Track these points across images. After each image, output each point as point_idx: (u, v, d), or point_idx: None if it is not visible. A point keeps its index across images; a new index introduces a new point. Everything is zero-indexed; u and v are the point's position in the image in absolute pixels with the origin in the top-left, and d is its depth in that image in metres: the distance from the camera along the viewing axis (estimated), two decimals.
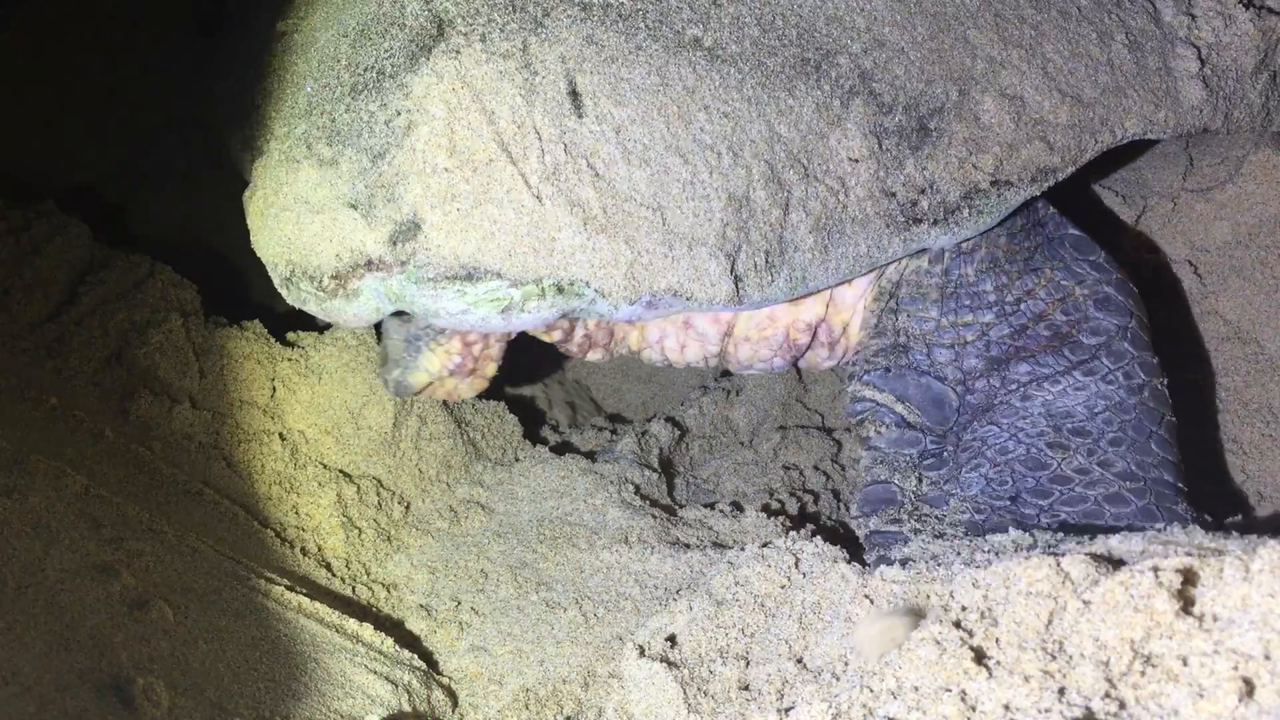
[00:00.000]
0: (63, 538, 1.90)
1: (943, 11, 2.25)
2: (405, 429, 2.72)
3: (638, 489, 2.77)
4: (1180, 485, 2.27)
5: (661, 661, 1.92)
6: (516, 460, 2.90)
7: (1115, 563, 1.51)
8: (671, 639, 1.98)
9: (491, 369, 2.50)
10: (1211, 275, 2.87)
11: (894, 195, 2.19)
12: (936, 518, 2.29)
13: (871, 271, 2.35)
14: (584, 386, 3.63)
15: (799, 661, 1.81)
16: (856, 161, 2.16)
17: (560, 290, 2.06)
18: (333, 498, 2.55)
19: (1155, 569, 1.39)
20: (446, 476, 2.77)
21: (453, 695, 2.21)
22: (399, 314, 2.33)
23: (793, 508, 2.80)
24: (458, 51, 2.05)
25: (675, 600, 2.09)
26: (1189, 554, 1.51)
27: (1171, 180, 2.97)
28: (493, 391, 3.30)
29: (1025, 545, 1.97)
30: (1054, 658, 1.38)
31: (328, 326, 2.83)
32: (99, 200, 3.35)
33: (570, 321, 2.46)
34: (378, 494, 2.64)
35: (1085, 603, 1.42)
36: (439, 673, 2.28)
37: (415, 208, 2.03)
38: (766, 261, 2.13)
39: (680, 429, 3.10)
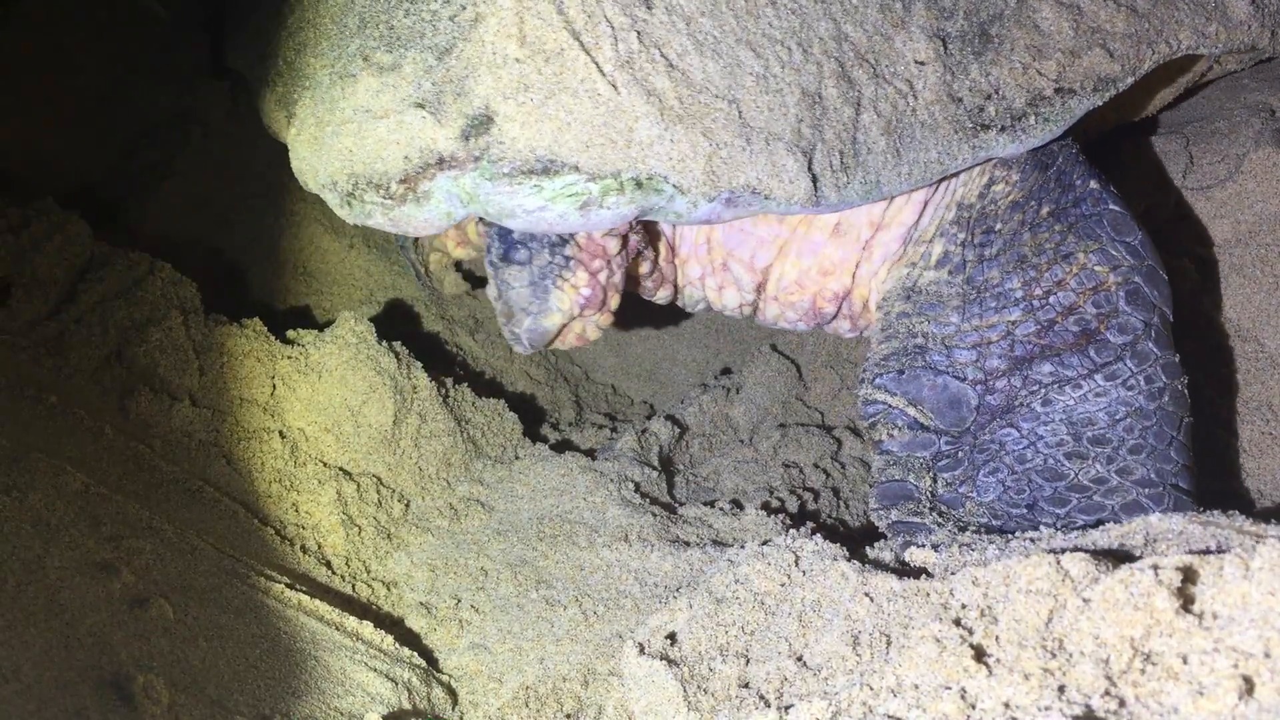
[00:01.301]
0: (62, 535, 1.90)
1: None
2: (405, 427, 2.72)
3: (638, 487, 2.77)
4: (1193, 491, 2.28)
5: (661, 659, 1.92)
6: (516, 458, 2.90)
7: (1115, 561, 1.51)
8: (671, 637, 1.98)
9: (615, 300, 2.42)
10: (1212, 273, 2.87)
11: (960, 100, 2.17)
12: (956, 516, 2.29)
13: (941, 180, 2.33)
14: (594, 382, 3.63)
15: (799, 659, 1.81)
16: (923, 64, 2.13)
17: (639, 185, 2.00)
18: (332, 495, 2.55)
19: (1155, 567, 1.39)
20: (446, 474, 2.77)
21: (453, 693, 2.21)
22: (515, 259, 2.29)
23: (793, 505, 2.80)
24: None
25: (675, 598, 2.09)
26: (1191, 550, 1.51)
27: (1172, 178, 2.97)
28: (493, 389, 3.31)
29: (1058, 540, 1.95)
30: (1054, 655, 1.38)
31: (328, 324, 2.83)
32: (99, 198, 3.34)
33: (653, 252, 2.45)
34: (378, 492, 2.64)
35: (1085, 600, 1.42)
36: (439, 670, 2.28)
37: (487, 100, 1.97)
38: (841, 162, 2.09)
39: (680, 427, 3.10)
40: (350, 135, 2.09)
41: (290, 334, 2.80)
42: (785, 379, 3.27)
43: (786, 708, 1.61)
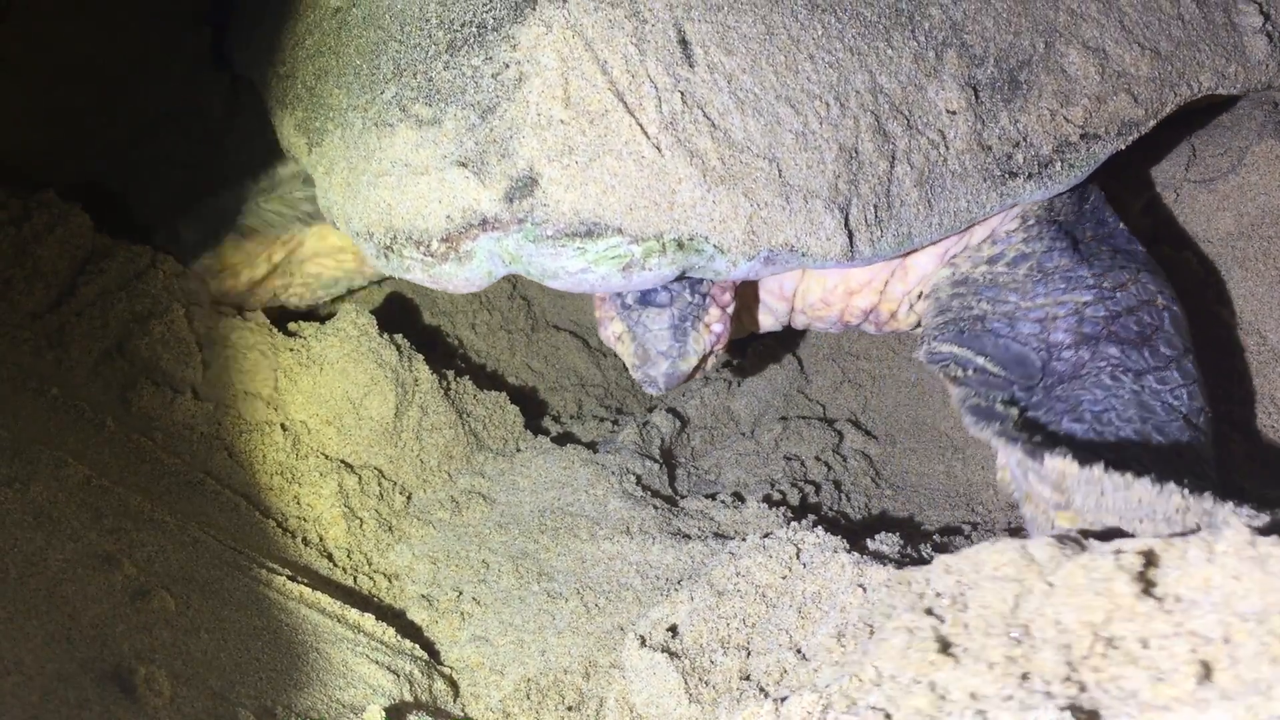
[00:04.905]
0: (64, 528, 1.91)
1: None
2: (407, 419, 2.72)
3: (639, 480, 2.78)
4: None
5: (663, 652, 1.93)
6: (518, 451, 2.90)
7: (1081, 545, 1.51)
8: (673, 629, 1.99)
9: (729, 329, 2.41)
10: (1214, 266, 2.86)
11: (990, 149, 2.17)
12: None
13: (968, 228, 2.31)
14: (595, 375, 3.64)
15: (799, 652, 1.81)
16: (954, 114, 2.14)
17: (680, 246, 2.00)
18: (334, 488, 2.56)
19: (1117, 551, 1.39)
20: (448, 467, 2.78)
21: (454, 685, 2.22)
22: (655, 302, 2.27)
23: (794, 498, 2.80)
24: (564, 0, 2.00)
25: (676, 590, 2.10)
26: (1155, 534, 1.51)
27: (1174, 171, 2.97)
28: (494, 382, 3.32)
29: None
30: (1019, 643, 1.38)
31: (329, 317, 2.84)
32: (100, 190, 3.35)
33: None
34: (379, 484, 2.64)
35: (1050, 585, 1.43)
36: (440, 663, 2.29)
37: (531, 162, 1.97)
38: (876, 216, 2.09)
39: (681, 420, 3.11)
40: (388, 188, 2.07)
41: (292, 326, 2.81)
42: (787, 372, 3.27)
43: (783, 699, 1.62)
